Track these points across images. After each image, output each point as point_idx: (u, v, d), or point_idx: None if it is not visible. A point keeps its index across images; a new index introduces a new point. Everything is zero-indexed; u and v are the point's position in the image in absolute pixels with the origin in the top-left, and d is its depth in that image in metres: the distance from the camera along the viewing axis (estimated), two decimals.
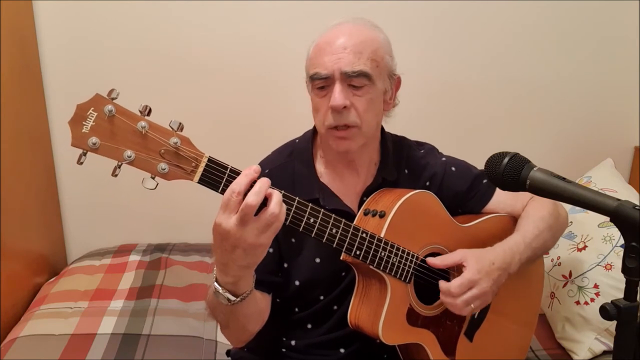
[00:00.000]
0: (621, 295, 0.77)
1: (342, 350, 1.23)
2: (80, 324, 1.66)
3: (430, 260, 1.14)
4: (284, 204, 0.90)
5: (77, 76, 2.03)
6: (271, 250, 1.17)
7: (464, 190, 1.31)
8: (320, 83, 1.12)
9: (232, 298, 0.96)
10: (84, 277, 1.93)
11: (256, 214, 0.87)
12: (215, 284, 0.96)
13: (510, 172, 0.88)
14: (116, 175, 0.85)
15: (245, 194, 0.86)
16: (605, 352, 1.56)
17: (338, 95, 1.09)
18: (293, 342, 1.25)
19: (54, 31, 2.00)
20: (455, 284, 1.10)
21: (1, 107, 1.70)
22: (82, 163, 0.82)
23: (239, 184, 0.86)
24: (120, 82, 2.15)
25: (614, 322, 0.77)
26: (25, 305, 1.84)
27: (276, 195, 0.89)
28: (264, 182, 0.88)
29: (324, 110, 1.12)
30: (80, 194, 2.15)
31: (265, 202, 0.88)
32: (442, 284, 1.12)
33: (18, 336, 1.60)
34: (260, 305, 1.12)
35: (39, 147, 2.03)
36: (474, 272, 1.11)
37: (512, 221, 1.32)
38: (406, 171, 1.27)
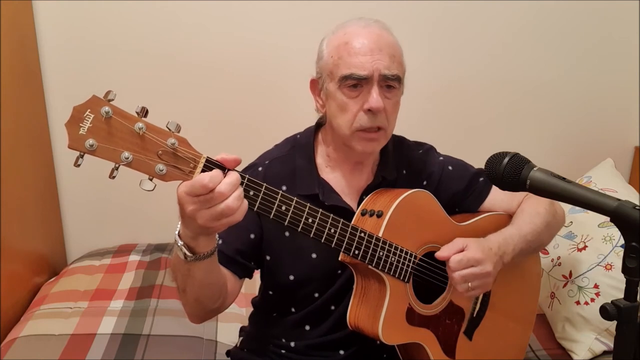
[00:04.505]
0: (621, 295, 0.77)
1: (341, 352, 1.23)
2: (80, 324, 1.66)
3: (437, 254, 1.14)
4: (239, 189, 0.87)
5: (77, 76, 2.03)
6: (252, 236, 1.17)
7: (461, 189, 1.31)
8: (353, 82, 1.11)
9: (189, 254, 0.94)
10: (83, 277, 1.93)
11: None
12: (177, 236, 0.95)
13: (510, 172, 0.88)
14: (114, 177, 0.84)
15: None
16: (605, 352, 1.56)
17: (378, 97, 1.10)
18: (292, 344, 1.25)
19: (54, 31, 2.00)
20: (455, 259, 1.11)
21: (1, 107, 1.70)
22: (79, 165, 0.82)
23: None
24: (120, 82, 2.17)
25: (614, 322, 0.77)
26: (25, 305, 1.84)
27: (231, 175, 0.87)
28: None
29: (355, 111, 1.12)
30: (80, 194, 2.15)
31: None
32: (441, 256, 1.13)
33: (18, 336, 1.60)
34: (221, 280, 1.10)
35: (39, 147, 2.03)
36: (476, 251, 1.12)
37: (509, 219, 1.33)
38: (404, 171, 1.28)
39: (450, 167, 1.32)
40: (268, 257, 1.21)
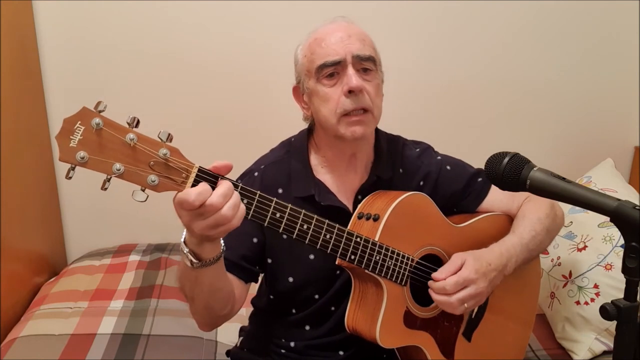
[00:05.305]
0: (621, 295, 0.77)
1: (340, 353, 1.24)
2: (80, 324, 1.66)
3: (435, 275, 1.13)
4: (233, 198, 0.87)
5: (77, 76, 2.03)
6: (255, 240, 1.18)
7: (459, 189, 1.31)
8: (329, 70, 1.12)
9: (195, 261, 0.94)
10: (84, 277, 1.93)
11: None
12: (183, 243, 0.95)
13: (510, 172, 0.88)
14: (105, 189, 0.83)
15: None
16: (605, 352, 1.56)
17: (355, 76, 1.11)
18: (292, 344, 1.25)
19: (54, 31, 2.00)
20: (450, 281, 1.10)
21: (1, 107, 1.70)
22: (70, 177, 0.81)
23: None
24: (119, 83, 2.16)
25: (614, 322, 0.77)
26: (25, 305, 1.84)
27: (222, 186, 0.87)
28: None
29: (336, 97, 1.12)
30: (80, 194, 2.15)
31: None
32: (435, 283, 1.11)
33: (18, 336, 1.60)
34: (229, 286, 1.10)
35: (39, 147, 2.02)
36: (472, 271, 1.11)
37: (508, 220, 1.32)
38: (401, 170, 1.27)
39: (448, 167, 1.31)
40: (270, 260, 1.21)
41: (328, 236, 1.04)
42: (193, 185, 0.87)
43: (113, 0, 1.99)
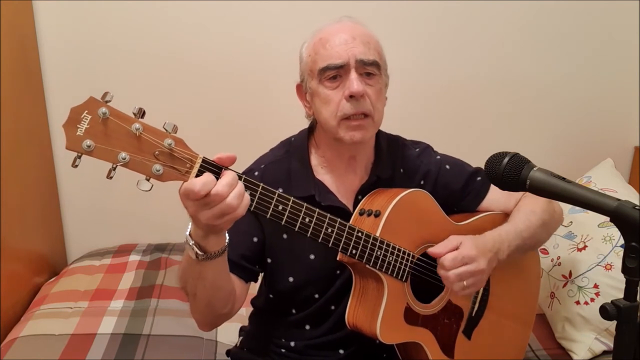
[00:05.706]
0: (621, 295, 0.77)
1: (341, 351, 1.24)
2: (80, 324, 1.66)
3: (431, 250, 1.15)
4: (237, 187, 0.88)
5: (77, 76, 2.03)
6: (255, 239, 1.18)
7: (459, 189, 1.31)
8: (332, 73, 1.12)
9: (200, 253, 0.95)
10: (84, 277, 1.93)
11: None
12: (188, 236, 0.96)
13: (510, 172, 0.88)
14: (111, 178, 0.85)
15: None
16: (605, 352, 1.56)
17: (357, 81, 1.11)
18: (292, 344, 1.25)
19: (54, 31, 2.00)
20: (449, 257, 1.11)
21: (1, 107, 1.70)
22: (77, 166, 0.83)
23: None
24: (119, 82, 2.17)
25: (614, 322, 0.77)
26: (25, 305, 1.84)
27: (227, 176, 0.88)
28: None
29: (337, 100, 1.12)
30: (80, 194, 2.15)
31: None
32: (440, 258, 1.12)
33: (18, 336, 1.60)
34: (231, 285, 1.11)
35: (39, 147, 2.03)
36: (470, 248, 1.12)
37: (506, 219, 1.32)
38: (401, 170, 1.28)
39: (447, 166, 1.32)
40: (269, 260, 1.21)
41: (330, 230, 1.05)
42: (197, 176, 0.87)
43: (113, 0, 1.99)
